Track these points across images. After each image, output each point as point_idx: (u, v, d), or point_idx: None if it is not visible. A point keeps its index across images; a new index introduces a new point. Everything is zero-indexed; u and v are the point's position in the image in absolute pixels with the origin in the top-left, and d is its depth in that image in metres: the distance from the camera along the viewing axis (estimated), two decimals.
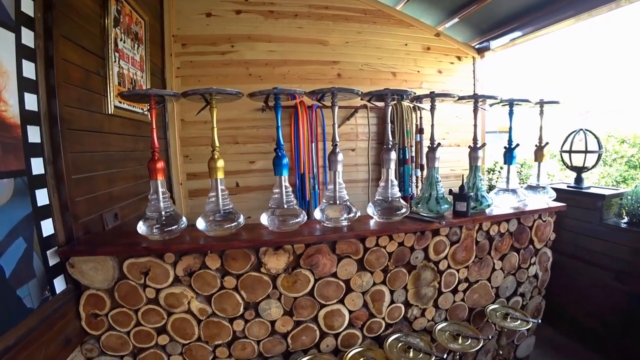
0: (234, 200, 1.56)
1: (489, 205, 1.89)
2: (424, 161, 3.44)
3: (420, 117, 3.57)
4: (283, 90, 1.44)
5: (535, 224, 2.09)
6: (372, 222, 1.73)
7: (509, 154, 1.96)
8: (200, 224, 1.44)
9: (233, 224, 1.47)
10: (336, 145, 1.59)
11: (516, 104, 1.91)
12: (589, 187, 2.60)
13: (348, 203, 1.63)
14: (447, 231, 1.81)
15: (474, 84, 4.03)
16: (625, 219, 2.43)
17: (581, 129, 2.53)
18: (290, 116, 3.18)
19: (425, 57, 3.77)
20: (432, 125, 1.82)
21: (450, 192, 1.84)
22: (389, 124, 1.95)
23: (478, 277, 2.01)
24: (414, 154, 3.57)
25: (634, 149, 5.26)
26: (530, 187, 2.14)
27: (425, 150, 3.48)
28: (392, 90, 1.60)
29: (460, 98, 1.80)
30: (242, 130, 3.25)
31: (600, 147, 2.47)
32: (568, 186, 2.68)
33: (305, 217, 1.57)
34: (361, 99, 1.63)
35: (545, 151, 2.05)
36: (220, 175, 1.44)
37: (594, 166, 2.53)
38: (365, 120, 3.50)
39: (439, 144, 1.77)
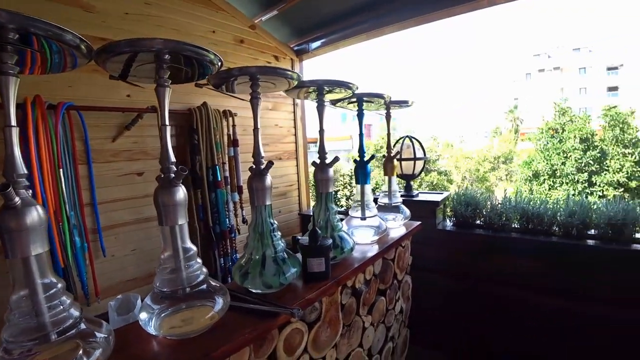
0: None
1: (352, 249, 1.25)
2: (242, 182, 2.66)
3: (234, 125, 2.74)
4: None
5: (397, 253, 1.62)
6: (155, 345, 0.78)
7: (361, 170, 1.39)
8: None
9: None
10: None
11: (366, 102, 1.37)
12: (417, 195, 2.45)
13: None
14: (300, 314, 1.05)
15: None
16: (453, 221, 2.41)
17: (407, 136, 2.35)
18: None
19: (239, 51, 2.99)
20: (256, 132, 1.03)
21: (295, 241, 1.10)
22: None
23: (349, 350, 1.37)
24: (227, 174, 2.70)
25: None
26: (382, 208, 1.67)
27: (242, 166, 2.73)
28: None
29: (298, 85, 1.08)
30: None
31: (424, 154, 2.34)
32: (400, 195, 2.46)
33: None
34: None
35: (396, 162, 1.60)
36: None
37: (420, 173, 2.39)
38: (157, 131, 2.36)
39: (269, 163, 1.00)
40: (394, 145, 2.39)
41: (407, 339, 2.02)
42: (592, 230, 2.09)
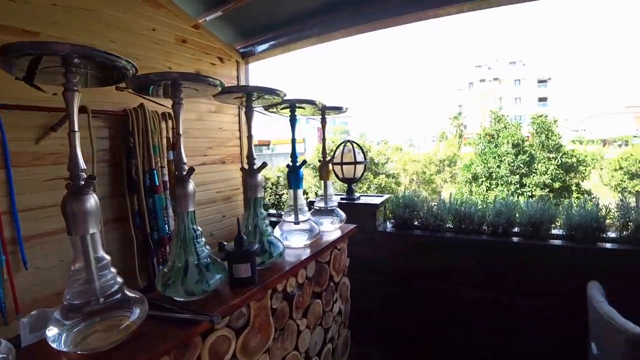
0: None
1: (281, 254, 1.27)
2: None
3: (174, 128, 2.63)
4: None
5: (332, 256, 1.67)
6: None
7: (294, 175, 1.42)
8: None
9: None
10: None
11: (299, 107, 1.40)
12: (359, 197, 2.54)
13: None
14: (225, 321, 1.05)
15: None
16: (392, 222, 2.52)
17: (348, 140, 2.43)
18: None
19: (181, 51, 2.88)
20: (178, 138, 1.02)
21: (221, 247, 1.10)
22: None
23: (284, 354, 1.38)
24: (166, 178, 2.60)
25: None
26: (318, 212, 1.71)
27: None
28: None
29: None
30: None
31: (365, 157, 2.43)
32: (341, 199, 2.54)
33: None
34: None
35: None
36: None
37: (361, 176, 2.48)
38: (87, 132, 2.17)
39: (191, 170, 0.99)
40: (335, 150, 2.46)
41: (349, 340, 2.07)
42: (516, 228, 2.28)
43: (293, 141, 1.42)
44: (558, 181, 10.31)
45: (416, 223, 2.44)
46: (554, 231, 2.22)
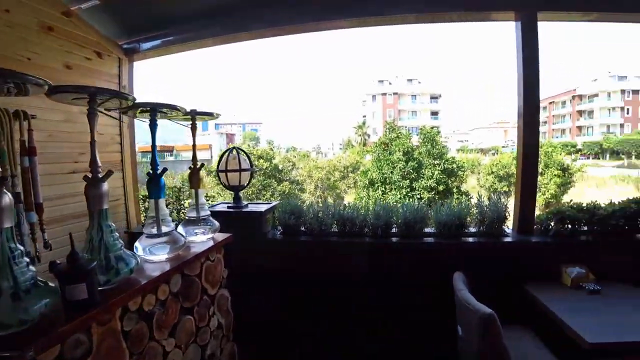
0: None
1: (132, 270, 1.17)
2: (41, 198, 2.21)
3: (30, 130, 2.23)
4: None
5: (203, 268, 1.61)
6: None
7: (154, 184, 1.33)
8: None
9: None
10: None
11: (160, 113, 1.32)
12: (247, 205, 2.51)
13: None
14: (55, 352, 0.92)
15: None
16: (280, 229, 2.54)
17: (234, 148, 2.39)
18: None
19: (46, 40, 2.44)
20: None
21: (52, 267, 0.97)
22: None
23: None
24: (20, 189, 2.19)
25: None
26: (189, 222, 1.64)
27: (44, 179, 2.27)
28: None
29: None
30: None
31: (251, 165, 2.42)
32: (229, 207, 2.48)
33: None
34: None
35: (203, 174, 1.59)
36: None
37: (248, 184, 2.46)
38: None
39: (1, 180, 0.85)
40: (220, 157, 2.40)
41: (235, 353, 2.01)
42: (394, 229, 2.48)
43: (153, 148, 1.34)
44: (442, 184, 11.85)
45: (303, 229, 2.50)
46: (427, 229, 2.48)
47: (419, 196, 11.17)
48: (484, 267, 2.22)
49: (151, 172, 1.33)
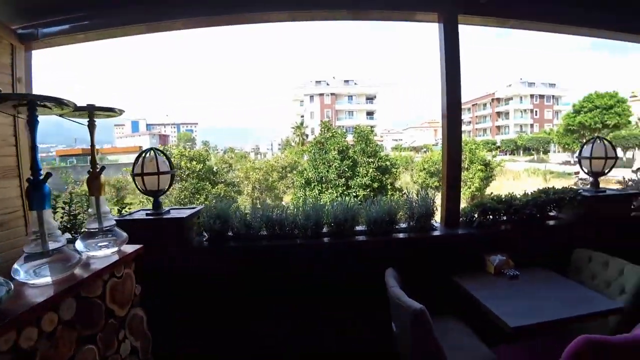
0: None
1: (8, 293, 0.94)
2: None
3: None
4: None
5: (107, 287, 1.39)
6: None
7: (36, 192, 1.10)
8: None
9: None
10: None
11: (43, 107, 1.08)
12: (168, 211, 2.27)
13: None
14: None
15: (13, 84, 2.61)
16: (206, 236, 2.35)
17: (151, 149, 2.16)
18: None
19: None
20: None
21: None
22: None
23: None
24: None
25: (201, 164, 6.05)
26: (90, 235, 1.41)
27: None
28: None
29: None
30: None
31: (171, 167, 2.20)
32: (147, 214, 2.23)
33: None
34: None
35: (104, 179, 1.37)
36: None
37: (168, 188, 2.23)
38: None
39: None
40: (136, 160, 2.14)
41: None
42: (325, 229, 2.42)
43: (33, 149, 1.10)
44: (376, 182, 12.33)
45: (230, 234, 2.34)
46: (358, 228, 2.46)
47: (354, 194, 11.48)
48: (415, 262, 2.28)
49: (32, 177, 1.10)
